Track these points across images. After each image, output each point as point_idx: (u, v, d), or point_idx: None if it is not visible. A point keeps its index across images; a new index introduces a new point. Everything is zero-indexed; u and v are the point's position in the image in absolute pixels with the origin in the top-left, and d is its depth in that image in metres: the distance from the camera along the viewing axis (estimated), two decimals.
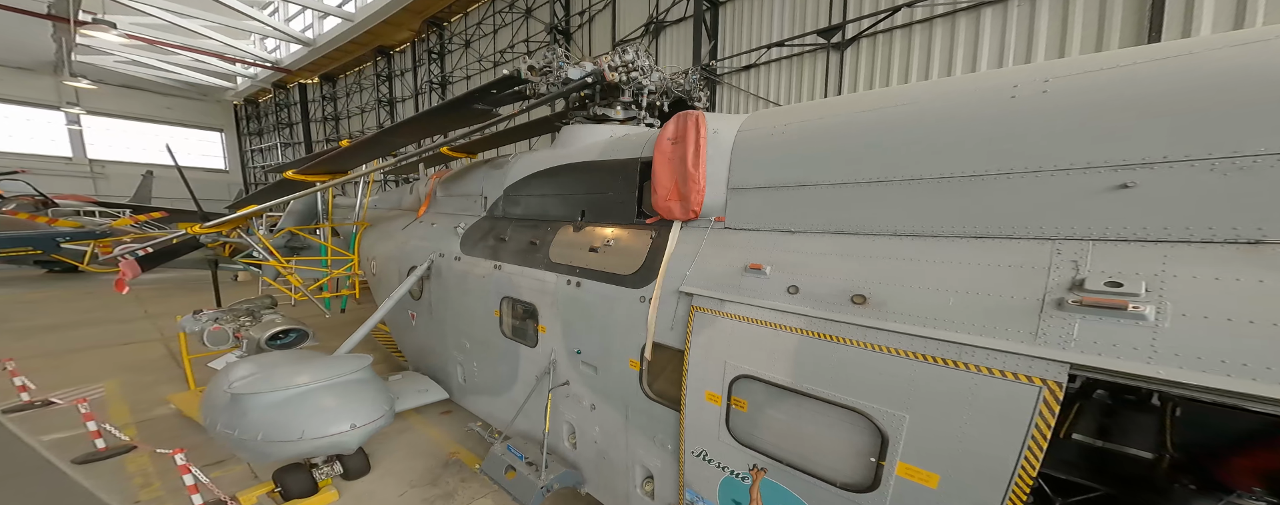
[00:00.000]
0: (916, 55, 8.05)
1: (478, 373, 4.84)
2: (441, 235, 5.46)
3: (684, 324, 2.77)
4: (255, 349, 5.52)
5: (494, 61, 17.24)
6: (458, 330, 5.01)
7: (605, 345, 3.35)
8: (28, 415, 6.17)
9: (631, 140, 3.65)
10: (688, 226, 3.09)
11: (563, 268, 3.71)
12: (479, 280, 4.56)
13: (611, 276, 3.29)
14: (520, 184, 4.61)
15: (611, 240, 3.46)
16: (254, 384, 3.61)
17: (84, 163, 30.95)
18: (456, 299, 4.97)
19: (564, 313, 3.64)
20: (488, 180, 5.19)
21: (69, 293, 13.89)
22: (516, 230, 4.46)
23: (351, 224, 7.89)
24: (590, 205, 3.82)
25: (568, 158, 4.13)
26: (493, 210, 5.01)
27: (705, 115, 2.94)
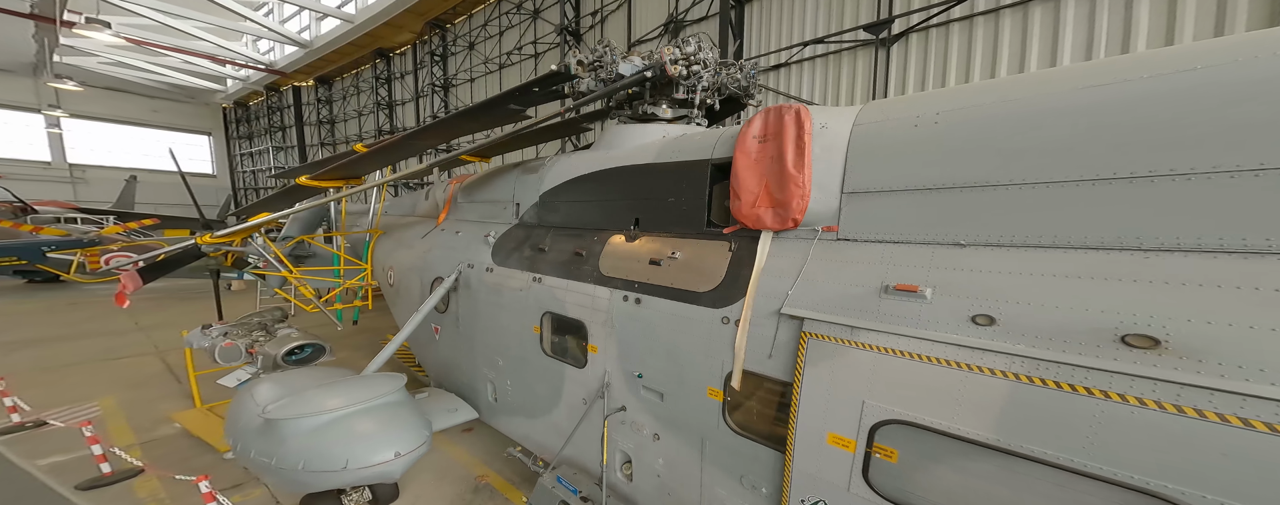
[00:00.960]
0: (980, 50, 7.50)
1: (511, 392, 4.60)
2: (469, 244, 5.23)
3: (789, 352, 2.46)
4: (272, 365, 5.27)
5: (500, 64, 17.15)
6: (489, 346, 4.77)
7: (675, 370, 3.08)
8: (20, 437, 5.86)
9: (695, 141, 3.39)
10: (782, 237, 2.79)
11: (617, 282, 3.46)
12: (515, 294, 4.32)
13: (681, 294, 3.04)
14: (559, 189, 4.39)
15: (677, 252, 3.19)
16: (290, 408, 3.39)
17: (63, 167, 30.25)
18: (488, 313, 4.73)
19: (620, 332, 3.39)
20: (519, 185, 4.97)
21: (53, 304, 13.42)
22: (557, 239, 4.23)
23: (364, 232, 7.67)
24: (646, 213, 3.58)
25: (615, 161, 3.88)
26: (526, 218, 4.79)
27: (807, 108, 2.63)
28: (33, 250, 12.32)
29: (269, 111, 30.64)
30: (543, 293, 4.02)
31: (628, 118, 4.36)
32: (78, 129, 30.31)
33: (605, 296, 3.49)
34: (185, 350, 6.12)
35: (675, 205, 3.36)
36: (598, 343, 3.56)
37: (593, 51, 4.12)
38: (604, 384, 3.50)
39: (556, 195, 4.40)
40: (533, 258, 4.28)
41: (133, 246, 13.65)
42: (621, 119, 4.41)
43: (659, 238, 3.43)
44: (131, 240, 14.20)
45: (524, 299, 4.19)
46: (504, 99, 4.99)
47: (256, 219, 6.72)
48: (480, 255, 4.90)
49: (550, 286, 3.96)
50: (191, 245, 5.82)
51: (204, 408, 6.32)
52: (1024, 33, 7.16)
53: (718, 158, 3.12)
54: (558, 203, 4.39)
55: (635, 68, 3.91)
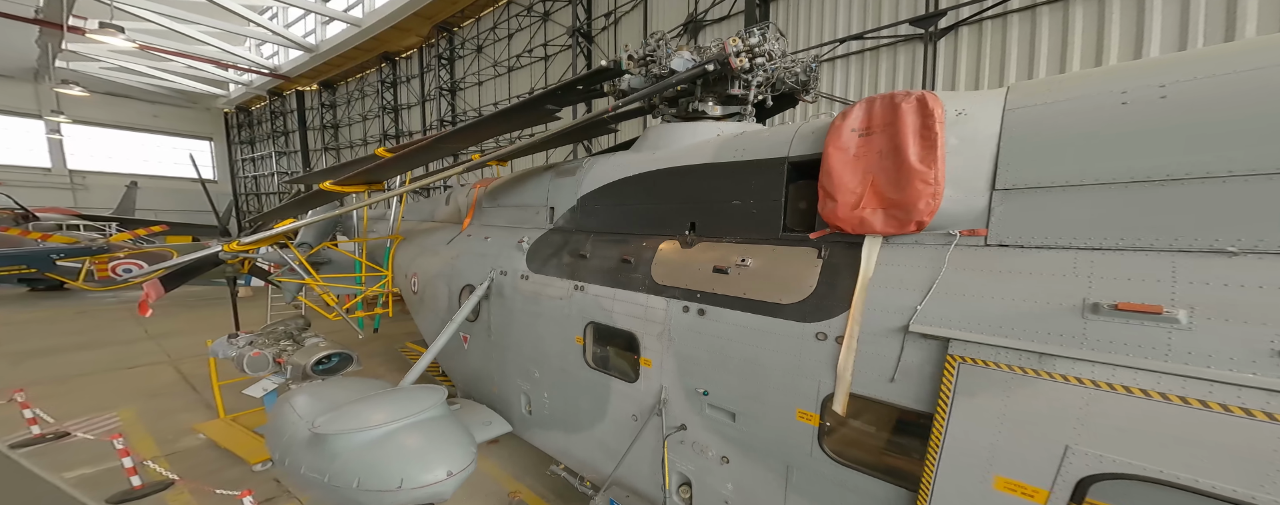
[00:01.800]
0: (1046, 41, 6.98)
1: (549, 405, 4.48)
2: (500, 250, 5.13)
3: (924, 378, 2.16)
4: (301, 376, 5.23)
5: (509, 67, 17.21)
6: (524, 356, 4.67)
7: (750, 389, 2.86)
8: (42, 450, 5.82)
9: (762, 138, 3.19)
10: (895, 243, 2.48)
11: (674, 292, 3.28)
12: (555, 303, 4.20)
13: (757, 305, 2.83)
14: (600, 193, 4.27)
15: (747, 259, 3.00)
16: (340, 422, 3.35)
17: (64, 174, 30.36)
18: (524, 322, 4.62)
19: (680, 345, 3.21)
20: (554, 189, 4.86)
21: (58, 312, 13.41)
22: (599, 245, 4.11)
23: (385, 237, 7.65)
24: (704, 217, 3.41)
25: (663, 162, 3.71)
26: (562, 222, 4.68)
27: (935, 93, 2.36)
28: (42, 258, 12.31)
29: (272, 116, 30.76)
30: (586, 302, 3.90)
31: (672, 116, 4.22)
32: (78, 135, 30.43)
33: (661, 307, 3.32)
34: (210, 360, 6.08)
35: (741, 208, 3.18)
36: (652, 356, 3.38)
37: (645, 45, 3.96)
38: (660, 401, 3.31)
39: (597, 199, 4.28)
40: (573, 265, 4.17)
41: (140, 253, 13.66)
42: (665, 117, 4.27)
43: (721, 244, 3.25)
44: (138, 247, 14.20)
45: (564, 308, 4.08)
46: (542, 99, 4.94)
47: (282, 226, 6.72)
48: (514, 262, 4.81)
49: (594, 295, 3.84)
50: (215, 252, 5.81)
51: (227, 418, 6.28)
52: (1100, 21, 6.48)
53: (797, 155, 2.89)
54: (599, 207, 4.27)
55: (686, 62, 3.74)
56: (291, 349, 5.56)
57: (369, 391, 4.03)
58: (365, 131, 24.96)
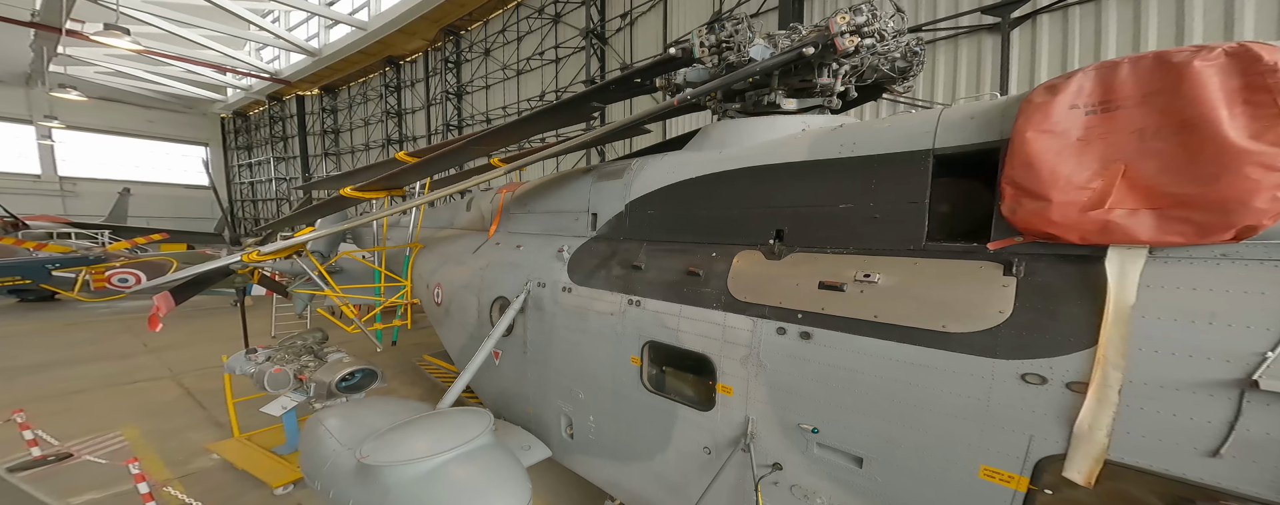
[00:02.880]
0: (1152, 23, 6.32)
1: (595, 430, 4.14)
2: (537, 260, 4.83)
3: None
4: (325, 394, 4.97)
5: (517, 70, 17.15)
6: (566, 376, 4.34)
7: (890, 431, 2.41)
8: (44, 472, 5.51)
9: (884, 129, 2.74)
10: (1174, 257, 1.84)
11: (762, 310, 2.89)
12: (604, 319, 3.86)
13: (901, 332, 2.36)
14: (654, 197, 3.94)
15: (872, 274, 2.55)
16: (389, 451, 3.10)
17: (54, 180, 30.08)
18: (566, 339, 4.30)
19: (775, 373, 2.83)
20: (596, 193, 4.56)
21: (50, 325, 13.05)
22: (656, 256, 3.76)
23: (404, 246, 7.43)
24: (797, 223, 3.00)
25: (736, 161, 3.34)
26: (606, 230, 4.37)
27: (1271, 44, 1.72)
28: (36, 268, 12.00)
29: (270, 121, 30.62)
30: (643, 319, 3.56)
31: (735, 112, 3.88)
32: (69, 140, 30.20)
33: (744, 327, 2.95)
34: (225, 377, 5.81)
35: (855, 213, 2.74)
36: (733, 383, 3.01)
37: (718, 29, 3.54)
38: (746, 434, 2.90)
39: (651, 204, 3.96)
40: (625, 277, 3.84)
41: (137, 263, 13.36)
42: (727, 113, 3.93)
43: (824, 255, 2.83)
44: (134, 256, 13.90)
45: (616, 325, 3.75)
46: (590, 96, 4.72)
47: (303, 235, 6.50)
48: (553, 273, 4.51)
49: (654, 312, 3.45)
50: (235, 262, 5.57)
51: (242, 437, 5.99)
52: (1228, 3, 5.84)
53: (950, 147, 2.40)
54: (654, 213, 3.94)
55: (764, 49, 3.25)
56: (314, 365, 5.31)
57: (406, 414, 3.78)
58: (367, 136, 24.84)
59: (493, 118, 18.50)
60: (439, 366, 8.05)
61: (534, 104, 16.62)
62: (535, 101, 16.57)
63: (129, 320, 13.42)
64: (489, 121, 18.69)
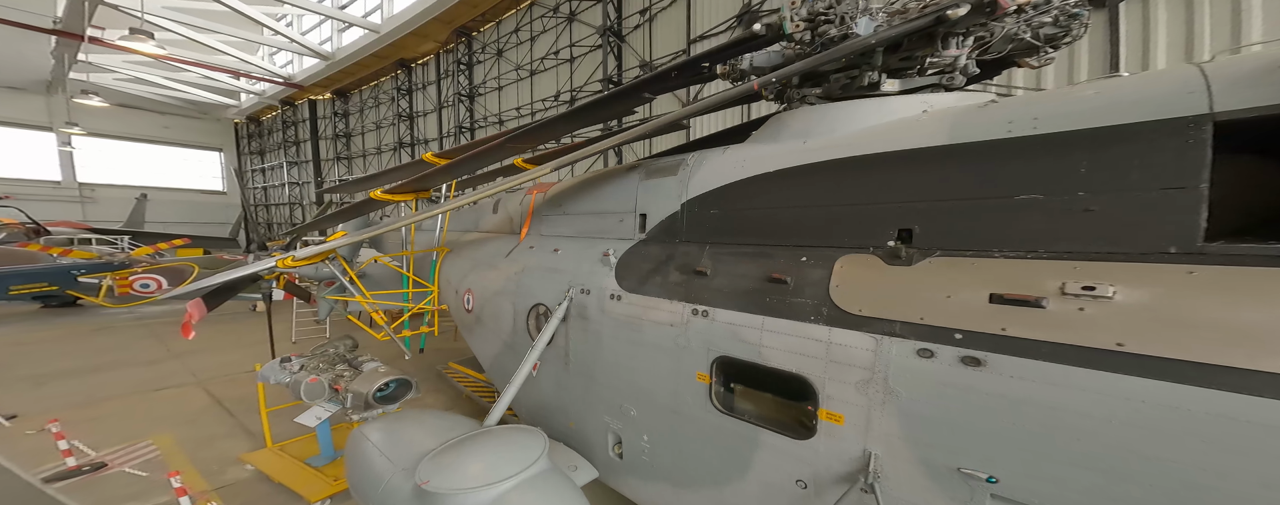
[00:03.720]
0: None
1: (650, 450, 3.88)
2: (579, 265, 4.61)
3: None
4: (363, 405, 4.91)
5: (531, 70, 17.14)
6: (615, 390, 4.10)
7: (1147, 498, 1.84)
8: (79, 483, 5.54)
9: (1091, 96, 2.24)
10: None
11: (893, 327, 2.42)
12: (663, 330, 3.54)
13: (1183, 369, 1.74)
14: (720, 195, 3.54)
15: (1108, 287, 1.93)
16: (447, 476, 3.00)
17: (73, 186, 30.76)
18: (616, 350, 4.04)
19: (919, 403, 2.36)
20: (645, 192, 4.29)
21: (74, 331, 13.28)
22: (726, 261, 3.39)
23: (431, 250, 7.38)
24: (940, 219, 2.51)
25: (838, 150, 2.93)
26: (659, 232, 4.10)
27: None
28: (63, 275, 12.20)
29: (283, 126, 31.04)
30: (713, 331, 3.22)
31: (816, 97, 3.43)
32: (87, 147, 30.89)
33: (861, 346, 2.53)
34: (258, 385, 5.79)
35: (1049, 206, 2.21)
36: (845, 410, 2.61)
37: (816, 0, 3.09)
38: (867, 472, 2.48)
39: (715, 202, 3.57)
40: (687, 284, 3.48)
41: (159, 268, 13.55)
42: (807, 99, 3.47)
43: (989, 259, 2.32)
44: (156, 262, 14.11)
45: (678, 337, 3.46)
46: (645, 85, 4.46)
47: (335, 240, 6.48)
48: (598, 278, 4.28)
49: (727, 324, 3.14)
50: (269, 267, 5.55)
51: (275, 447, 5.97)
52: None
53: (1247, 109, 1.82)
54: (718, 212, 3.55)
55: (871, 23, 2.82)
56: (349, 375, 5.26)
57: (452, 430, 3.68)
58: (379, 140, 25.05)
59: (506, 119, 18.50)
60: (466, 374, 8.00)
61: (549, 104, 16.59)
62: (550, 102, 16.54)
63: (153, 325, 13.62)
64: (501, 123, 18.70)
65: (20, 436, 6.66)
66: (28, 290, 11.81)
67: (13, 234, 19.97)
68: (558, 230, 5.43)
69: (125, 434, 6.88)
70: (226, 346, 11.43)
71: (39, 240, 19.74)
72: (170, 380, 9.31)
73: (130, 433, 6.92)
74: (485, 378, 7.81)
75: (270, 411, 6.16)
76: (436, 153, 6.77)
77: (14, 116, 28.75)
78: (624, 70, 14.00)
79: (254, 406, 7.79)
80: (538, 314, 4.99)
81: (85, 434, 6.80)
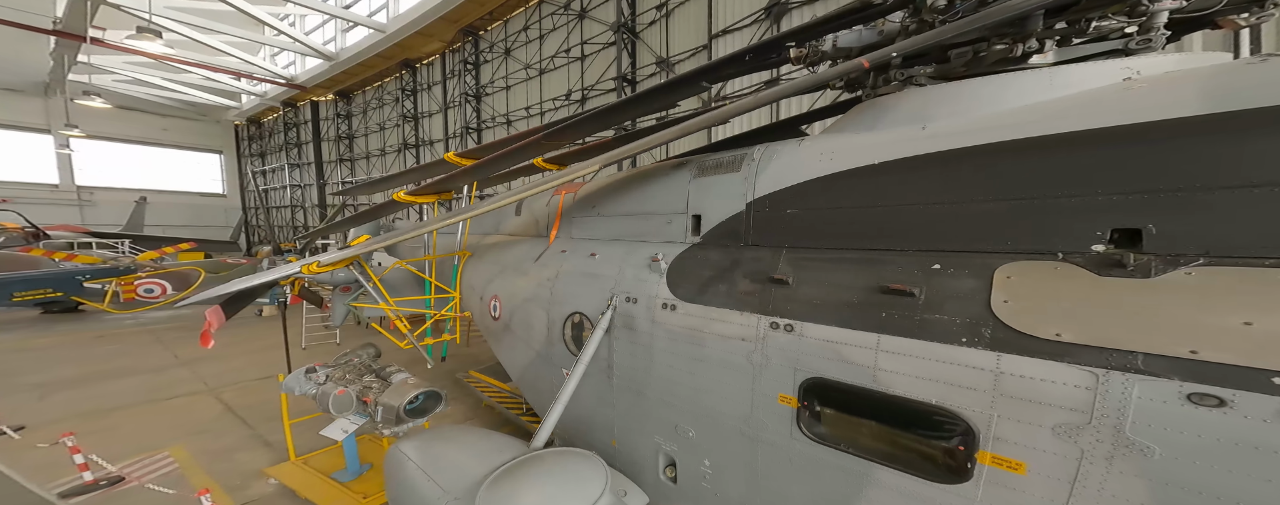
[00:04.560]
0: None
1: (712, 477, 3.60)
2: (622, 270, 4.35)
3: None
4: (395, 419, 4.77)
5: (540, 69, 17.03)
6: (669, 408, 3.84)
7: None
8: (95, 499, 5.39)
9: None
10: None
11: (1132, 361, 1.88)
12: (732, 345, 3.25)
13: None
14: (803, 192, 3.17)
15: None
16: None
17: (71, 190, 30.65)
18: (671, 365, 3.76)
19: (1194, 467, 1.78)
20: (699, 190, 3.95)
21: (77, 337, 13.15)
22: (812, 267, 3.04)
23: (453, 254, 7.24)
24: (1205, 217, 1.92)
25: (993, 133, 2.47)
26: (719, 235, 3.72)
27: None
28: (68, 280, 12.05)
29: (285, 128, 30.95)
30: (800, 348, 2.90)
31: (927, 77, 3.08)
32: (85, 150, 30.78)
33: (1073, 382, 2.01)
34: (282, 397, 5.65)
35: None
36: (1036, 459, 2.14)
37: None
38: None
39: (794, 201, 3.22)
40: (762, 293, 3.16)
41: (163, 273, 13.41)
42: (916, 80, 3.11)
43: None
44: (160, 267, 13.97)
45: (752, 354, 3.13)
46: (705, 72, 3.98)
47: (358, 244, 6.34)
48: (646, 286, 4.01)
49: (821, 340, 2.80)
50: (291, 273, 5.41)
51: (299, 461, 5.83)
52: None
53: None
54: (800, 211, 3.19)
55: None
56: (377, 386, 5.11)
57: (497, 451, 3.49)
58: (383, 141, 24.93)
59: (514, 120, 18.38)
60: (488, 383, 7.85)
61: (560, 104, 16.47)
62: (560, 101, 16.42)
63: (158, 331, 13.49)
64: (510, 124, 18.58)
65: (31, 449, 6.51)
66: (31, 297, 11.63)
67: (11, 238, 19.84)
68: (592, 233, 5.23)
69: (139, 445, 6.74)
70: (236, 353, 11.30)
71: (39, 244, 19.63)
72: (180, 388, 9.17)
73: (144, 444, 6.78)
74: (510, 388, 7.66)
75: (299, 423, 6.03)
76: (459, 152, 6.60)
77: (11, 119, 28.65)
78: (637, 68, 13.87)
79: (268, 415, 7.66)
80: (574, 323, 4.81)
81: (97, 445, 6.65)
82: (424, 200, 6.57)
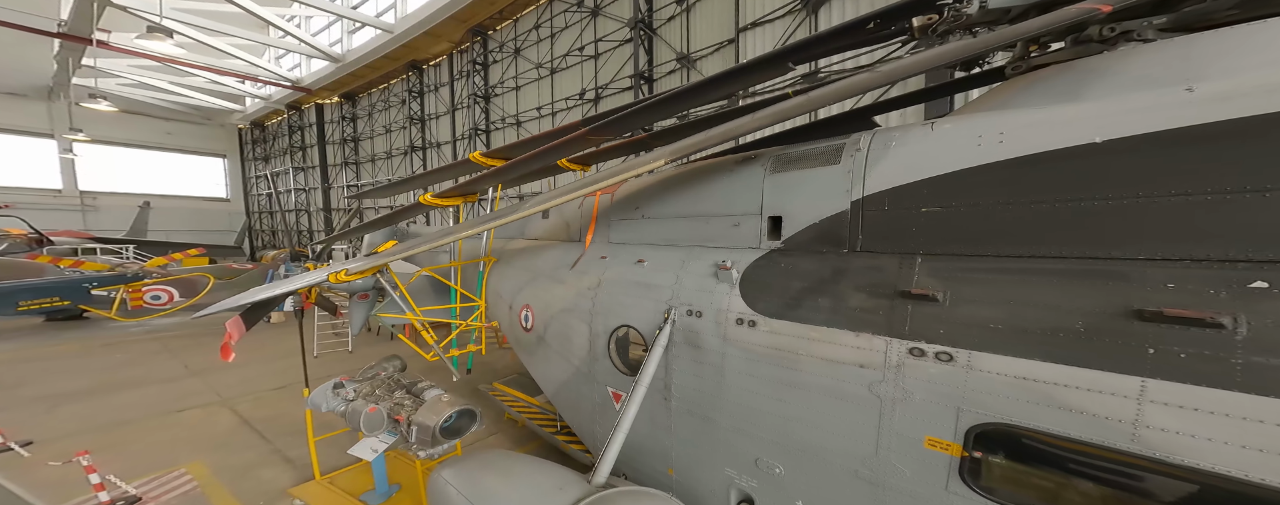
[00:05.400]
0: None
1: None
2: (677, 279, 3.98)
3: None
4: (430, 440, 4.49)
5: (552, 68, 16.83)
6: (745, 436, 3.49)
7: None
8: None
9: None
10: None
11: None
12: (846, 371, 2.84)
13: None
14: (961, 184, 2.64)
15: None
16: None
17: (75, 195, 30.66)
18: (751, 388, 3.39)
19: None
20: (779, 188, 3.50)
21: (81, 345, 12.97)
22: (983, 282, 2.51)
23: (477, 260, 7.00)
24: None
25: None
26: (811, 239, 3.31)
27: None
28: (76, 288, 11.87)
29: (289, 131, 30.88)
30: (970, 384, 2.43)
31: (1158, 31, 2.44)
32: (89, 154, 30.79)
33: None
34: (307, 413, 5.41)
35: None
36: None
37: None
38: None
39: (939, 196, 2.70)
40: (890, 310, 2.70)
41: (170, 280, 13.24)
42: (1144, 34, 2.47)
43: None
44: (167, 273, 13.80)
45: (879, 384, 2.74)
46: (795, 50, 3.49)
47: (385, 250, 6.11)
48: (713, 297, 3.65)
49: (1014, 378, 2.31)
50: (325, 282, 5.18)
51: (324, 480, 5.58)
52: None
53: None
54: (953, 210, 2.66)
55: None
56: (410, 404, 4.85)
57: (556, 486, 3.15)
58: (389, 144, 24.79)
59: (524, 120, 18.19)
60: (513, 396, 7.60)
61: (573, 103, 16.26)
62: (573, 101, 16.21)
63: (166, 339, 13.29)
64: (520, 125, 18.38)
65: (42, 467, 6.29)
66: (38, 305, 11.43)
67: (15, 244, 19.76)
68: (636, 237, 4.88)
69: (154, 461, 6.51)
70: (245, 361, 11.08)
71: (42, 250, 19.55)
72: (192, 399, 8.95)
73: (160, 460, 6.55)
74: (537, 402, 7.39)
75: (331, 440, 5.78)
76: (485, 152, 6.36)
77: (15, 123, 28.68)
78: (655, 65, 13.65)
79: (285, 428, 7.43)
80: (619, 337, 4.49)
81: (110, 461, 6.42)
82: (451, 203, 6.34)
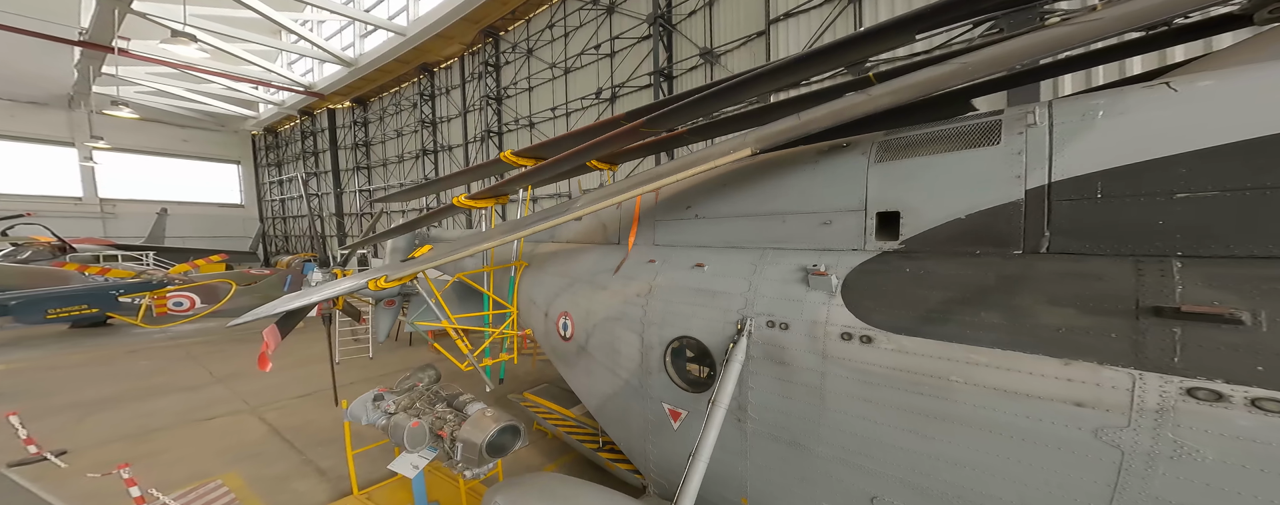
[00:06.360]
0: None
1: None
2: (751, 285, 3.60)
3: None
4: (477, 458, 4.37)
5: (566, 68, 16.74)
6: (857, 469, 3.12)
7: None
8: None
9: None
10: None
11: None
12: (1051, 410, 2.34)
13: None
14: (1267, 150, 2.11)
15: None
16: None
17: (94, 202, 31.29)
18: (869, 416, 2.99)
19: None
20: (888, 177, 3.07)
21: (109, 353, 13.14)
22: None
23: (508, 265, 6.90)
24: None
25: None
26: (951, 238, 2.83)
27: None
28: (104, 296, 12.02)
29: (302, 136, 31.24)
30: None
31: None
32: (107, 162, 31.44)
33: None
34: (345, 425, 5.35)
35: None
36: None
37: None
38: None
39: (1233, 173, 2.07)
40: (1136, 334, 2.15)
41: (192, 286, 13.37)
42: None
43: None
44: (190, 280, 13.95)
45: (1137, 436, 2.16)
46: (898, 24, 3.18)
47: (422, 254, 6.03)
48: (804, 307, 3.24)
49: None
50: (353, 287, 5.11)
51: (362, 495, 5.52)
52: None
53: None
54: (1253, 190, 2.05)
55: None
56: (452, 418, 4.74)
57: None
58: (401, 147, 24.93)
59: (537, 121, 18.12)
60: (546, 407, 7.48)
61: (588, 103, 16.15)
62: (589, 100, 16.10)
63: (189, 346, 13.44)
64: (533, 126, 18.32)
65: (79, 477, 6.31)
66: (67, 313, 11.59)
67: (39, 252, 20.17)
68: (688, 238, 4.40)
69: (189, 472, 6.50)
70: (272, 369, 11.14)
71: (66, 258, 19.93)
72: (219, 407, 8.98)
73: (194, 470, 6.54)
74: (573, 414, 7.25)
75: (330, 444, 5.71)
76: (517, 151, 6.22)
77: (36, 132, 29.34)
78: (675, 62, 13.48)
79: (316, 438, 7.40)
80: (675, 349, 4.04)
81: (145, 472, 6.44)
82: (485, 204, 6.25)
